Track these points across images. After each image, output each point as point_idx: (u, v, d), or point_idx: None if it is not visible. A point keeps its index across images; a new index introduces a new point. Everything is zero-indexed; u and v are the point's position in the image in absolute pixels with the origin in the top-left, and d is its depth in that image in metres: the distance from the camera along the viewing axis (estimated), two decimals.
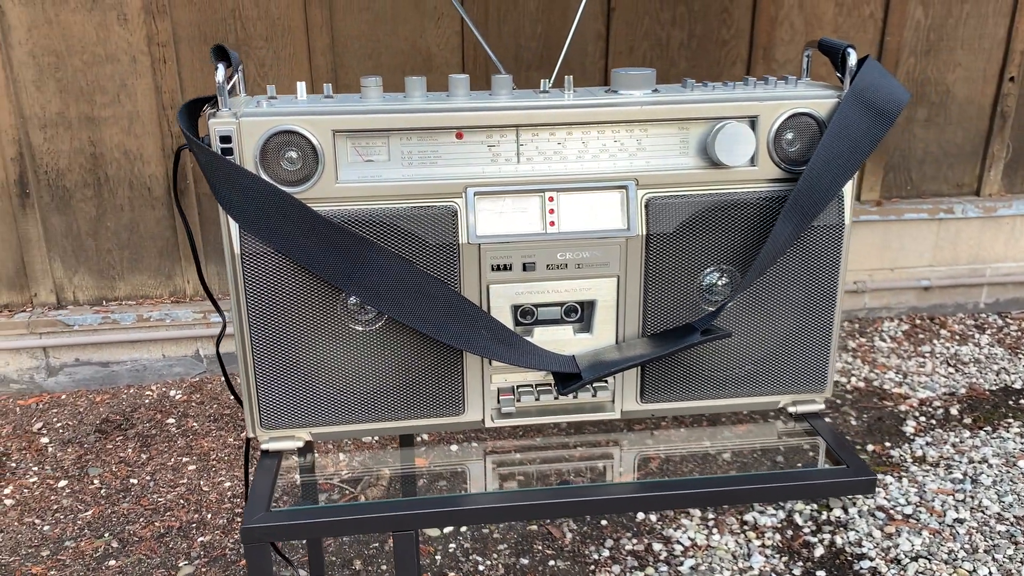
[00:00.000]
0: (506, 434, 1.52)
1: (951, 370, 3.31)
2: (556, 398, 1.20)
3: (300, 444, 1.20)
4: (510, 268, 1.14)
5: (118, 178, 3.21)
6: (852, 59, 1.14)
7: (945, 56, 3.51)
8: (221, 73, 1.06)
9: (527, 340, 1.15)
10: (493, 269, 1.14)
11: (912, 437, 2.84)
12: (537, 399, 1.20)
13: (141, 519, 2.58)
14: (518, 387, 1.20)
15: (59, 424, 3.10)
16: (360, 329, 1.16)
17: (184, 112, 1.06)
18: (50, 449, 2.96)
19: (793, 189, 1.11)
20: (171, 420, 3.12)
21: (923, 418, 2.96)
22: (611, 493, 1.14)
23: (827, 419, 1.27)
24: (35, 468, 2.85)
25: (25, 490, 2.74)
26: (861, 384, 3.20)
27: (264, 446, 1.19)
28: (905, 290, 3.67)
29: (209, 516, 2.59)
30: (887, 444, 2.80)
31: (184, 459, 2.88)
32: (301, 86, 1.14)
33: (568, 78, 1.18)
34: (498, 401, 1.20)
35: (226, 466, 2.85)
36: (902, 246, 3.60)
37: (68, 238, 3.25)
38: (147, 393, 3.31)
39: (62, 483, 2.76)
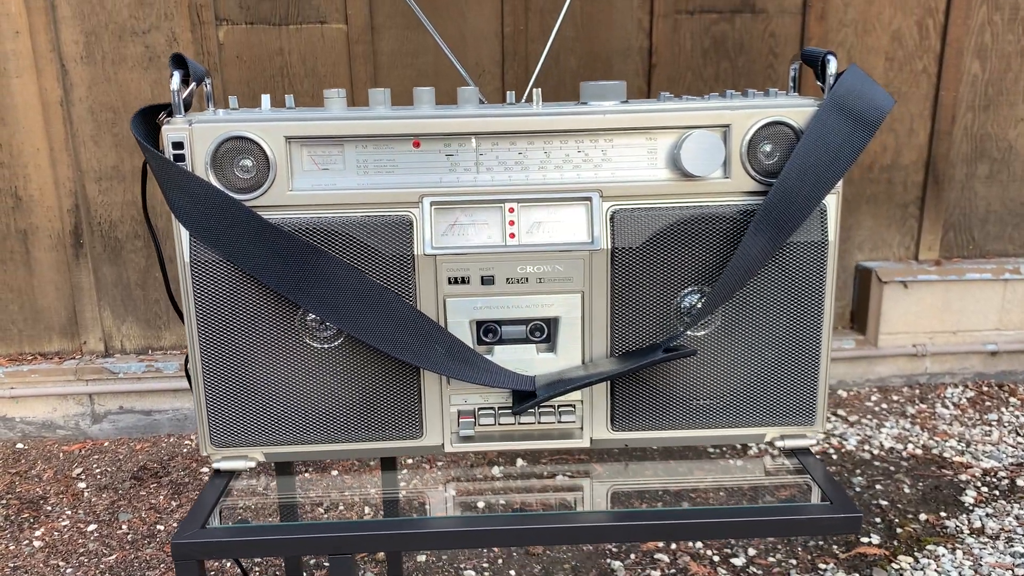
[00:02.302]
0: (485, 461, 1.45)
1: (1020, 439, 3.09)
2: (516, 422, 1.13)
3: (252, 464, 1.16)
4: (467, 281, 1.09)
5: (167, 230, 3.30)
6: (832, 66, 1.08)
7: (1006, 111, 3.37)
8: (176, 80, 1.06)
9: (484, 357, 1.10)
10: (450, 282, 1.09)
11: (971, 508, 2.64)
12: (496, 422, 1.13)
13: (162, 565, 2.56)
14: (479, 409, 1.14)
15: (98, 470, 3.14)
16: (317, 346, 1.12)
17: (139, 118, 1.06)
18: (86, 494, 2.99)
19: (764, 200, 1.04)
20: (205, 469, 3.12)
21: (985, 488, 2.76)
22: (573, 521, 1.06)
23: (818, 456, 1.17)
24: (68, 512, 2.87)
25: (56, 533, 2.76)
26: (919, 451, 3.01)
27: (215, 465, 1.15)
28: (970, 354, 3.47)
29: (228, 564, 2.55)
30: (943, 514, 2.60)
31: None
32: (265, 98, 1.14)
33: (537, 91, 1.14)
34: (457, 424, 1.14)
35: (252, 515, 2.82)
36: (964, 308, 3.42)
37: (118, 287, 3.34)
38: (187, 442, 3.33)
39: (91, 527, 2.77)
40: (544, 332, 1.13)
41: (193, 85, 1.09)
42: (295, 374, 1.12)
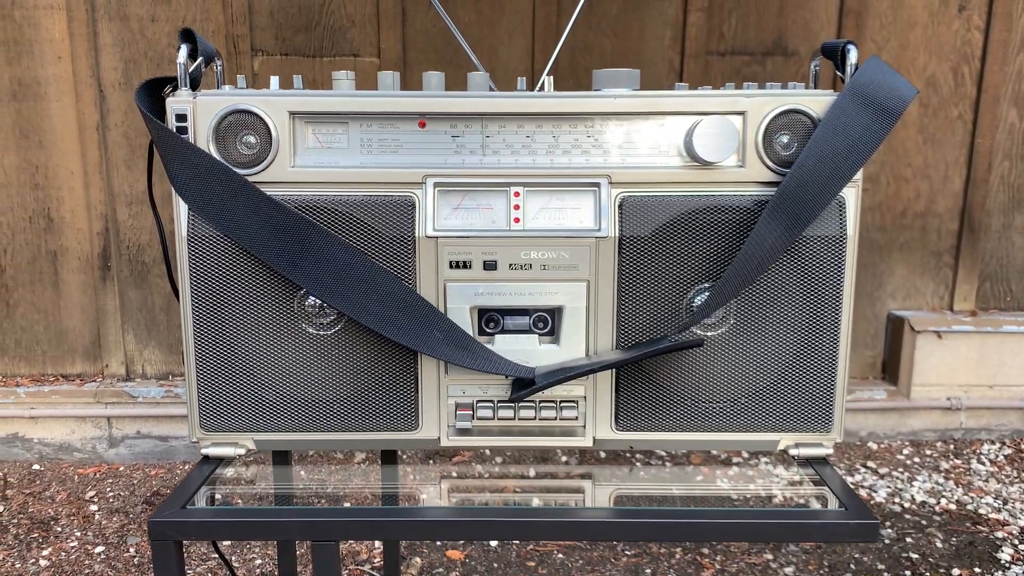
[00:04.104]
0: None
1: None
2: (515, 417, 1.08)
3: (242, 451, 1.12)
4: (469, 266, 1.06)
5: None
6: (853, 56, 1.05)
7: None
8: (183, 53, 1.05)
9: (483, 344, 1.06)
10: (451, 266, 1.06)
11: (1008, 565, 2.51)
12: (495, 416, 1.08)
13: None
14: (477, 402, 1.09)
15: (111, 494, 3.11)
16: (314, 332, 1.09)
17: (144, 90, 1.06)
18: (97, 517, 2.95)
19: (779, 187, 1.00)
20: (219, 496, 3.07)
21: (1023, 547, 2.62)
22: (574, 517, 1.00)
23: (835, 469, 1.10)
24: (78, 534, 2.84)
25: (63, 553, 2.72)
26: (952, 507, 2.88)
27: (203, 451, 1.12)
28: (1007, 410, 3.34)
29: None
30: (977, 570, 2.48)
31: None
32: (274, 80, 1.13)
33: (549, 79, 1.12)
34: (455, 417, 1.09)
35: (260, 544, 2.77)
36: (1002, 361, 3.31)
37: (142, 312, 3.35)
38: None
39: (99, 549, 2.73)
40: (547, 324, 1.09)
41: (200, 60, 1.08)
42: (290, 360, 1.09)
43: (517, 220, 1.06)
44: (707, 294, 1.06)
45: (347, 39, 3.18)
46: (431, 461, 2.87)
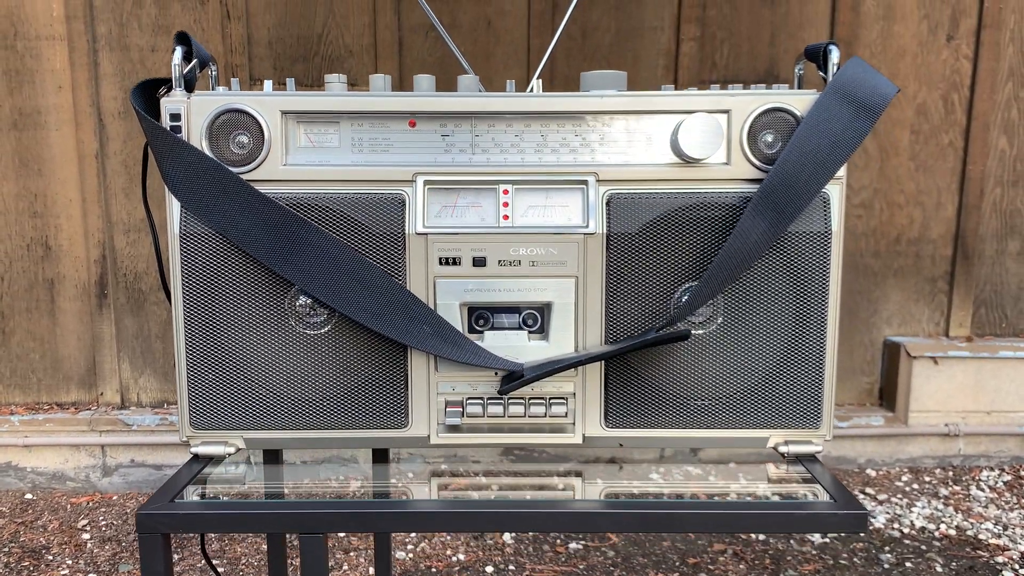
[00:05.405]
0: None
1: None
2: (504, 414, 1.08)
3: (231, 450, 1.12)
4: (459, 263, 1.07)
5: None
6: (835, 56, 1.07)
7: None
8: (178, 55, 1.07)
9: (470, 339, 1.06)
10: (441, 263, 1.07)
11: None
12: (484, 413, 1.08)
13: None
14: (467, 399, 1.09)
15: (104, 522, 3.08)
16: (304, 332, 1.09)
17: (139, 90, 1.07)
18: (89, 545, 2.93)
19: (763, 182, 1.02)
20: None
21: None
22: (561, 508, 1.00)
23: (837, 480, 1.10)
24: (69, 562, 2.81)
25: None
26: (952, 532, 2.86)
27: (193, 449, 1.12)
28: (1006, 437, 3.33)
29: None
30: None
31: (215, 561, 2.79)
32: (268, 83, 1.15)
33: (538, 82, 1.14)
34: (444, 414, 1.10)
35: (254, 571, 2.74)
36: (998, 387, 3.30)
37: (138, 339, 3.35)
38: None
39: None
40: (537, 321, 1.09)
41: (195, 63, 1.10)
42: (280, 358, 1.09)
43: (506, 217, 1.07)
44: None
45: (345, 68, 3.22)
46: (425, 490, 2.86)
